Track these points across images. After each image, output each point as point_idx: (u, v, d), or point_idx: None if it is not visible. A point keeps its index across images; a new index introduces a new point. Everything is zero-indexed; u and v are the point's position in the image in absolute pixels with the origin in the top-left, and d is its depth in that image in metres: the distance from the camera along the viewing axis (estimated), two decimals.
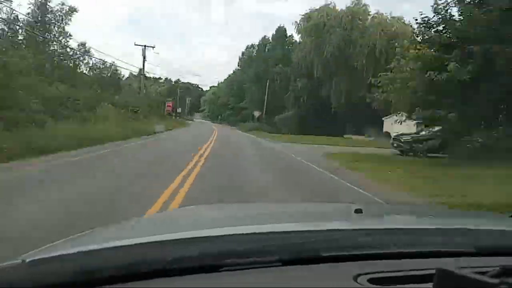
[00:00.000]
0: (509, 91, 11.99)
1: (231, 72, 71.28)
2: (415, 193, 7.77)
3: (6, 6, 24.57)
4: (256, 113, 50.92)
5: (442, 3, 13.65)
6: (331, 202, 5.47)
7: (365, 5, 40.52)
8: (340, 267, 0.89)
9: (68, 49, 31.12)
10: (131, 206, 5.33)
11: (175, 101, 64.62)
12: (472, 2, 13.78)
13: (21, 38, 27.78)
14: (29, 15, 28.21)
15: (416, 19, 14.45)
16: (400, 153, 18.16)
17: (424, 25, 14.45)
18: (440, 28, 14.16)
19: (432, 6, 13.90)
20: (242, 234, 1.02)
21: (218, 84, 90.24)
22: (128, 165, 10.71)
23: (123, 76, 44.82)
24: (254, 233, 1.03)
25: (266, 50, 56.16)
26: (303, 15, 41.78)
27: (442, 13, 13.83)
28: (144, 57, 35.59)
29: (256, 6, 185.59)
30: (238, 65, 65.72)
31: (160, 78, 60.87)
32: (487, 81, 12.33)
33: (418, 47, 14.00)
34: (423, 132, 17.86)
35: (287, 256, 0.89)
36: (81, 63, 33.68)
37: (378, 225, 1.15)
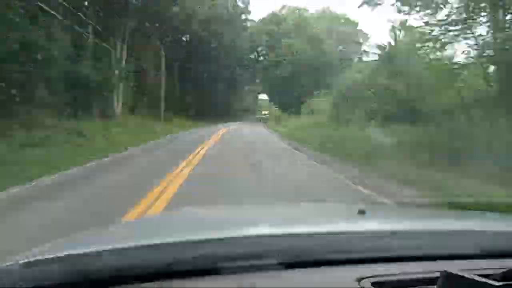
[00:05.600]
0: None
1: None
2: None
3: None
4: None
5: None
6: (334, 203, 5.45)
7: None
8: (343, 270, 0.88)
9: None
10: None
11: None
12: None
13: None
14: None
15: None
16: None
17: None
18: None
19: None
20: (243, 236, 1.02)
21: None
22: None
23: None
24: (255, 236, 1.02)
25: None
26: None
27: None
28: None
29: None
30: None
31: None
32: None
33: None
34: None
35: (288, 259, 0.88)
36: None
37: (381, 228, 1.14)
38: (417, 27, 13.60)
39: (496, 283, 0.61)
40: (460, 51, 11.73)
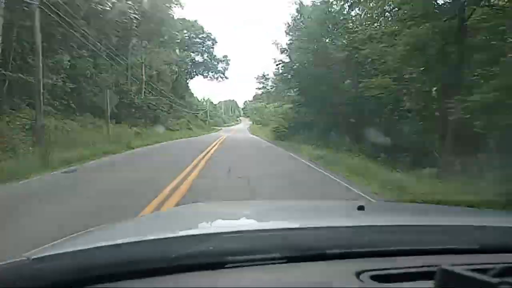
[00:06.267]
0: None
1: None
2: None
3: None
4: None
5: None
6: (333, 200, 5.45)
7: None
8: (342, 264, 0.89)
9: None
10: None
11: None
12: None
13: None
14: None
15: None
16: None
17: None
18: None
19: None
20: (246, 231, 1.03)
21: None
22: None
23: None
24: (258, 230, 1.04)
25: None
26: None
27: None
28: None
29: None
30: None
31: None
32: None
33: None
34: None
35: (290, 253, 0.89)
36: None
37: (380, 223, 1.15)
38: None
39: (493, 279, 0.61)
40: None
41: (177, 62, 38.66)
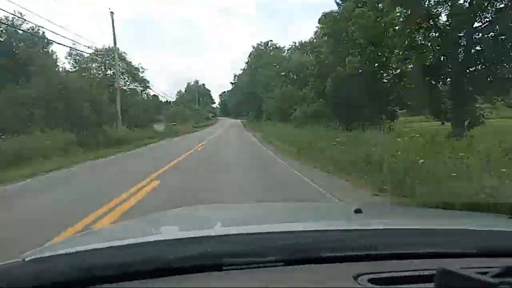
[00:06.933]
0: None
1: None
2: None
3: None
4: None
5: None
6: (331, 203, 5.44)
7: None
8: (340, 267, 0.89)
9: None
10: None
11: None
12: None
13: None
14: None
15: None
16: None
17: None
18: None
19: None
20: (244, 234, 1.02)
21: None
22: None
23: None
24: (255, 233, 1.03)
25: None
26: None
27: None
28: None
29: None
30: None
31: None
32: None
33: None
34: None
35: (287, 256, 0.89)
36: None
37: (378, 226, 1.14)
38: None
39: (494, 280, 0.61)
40: None
41: None
